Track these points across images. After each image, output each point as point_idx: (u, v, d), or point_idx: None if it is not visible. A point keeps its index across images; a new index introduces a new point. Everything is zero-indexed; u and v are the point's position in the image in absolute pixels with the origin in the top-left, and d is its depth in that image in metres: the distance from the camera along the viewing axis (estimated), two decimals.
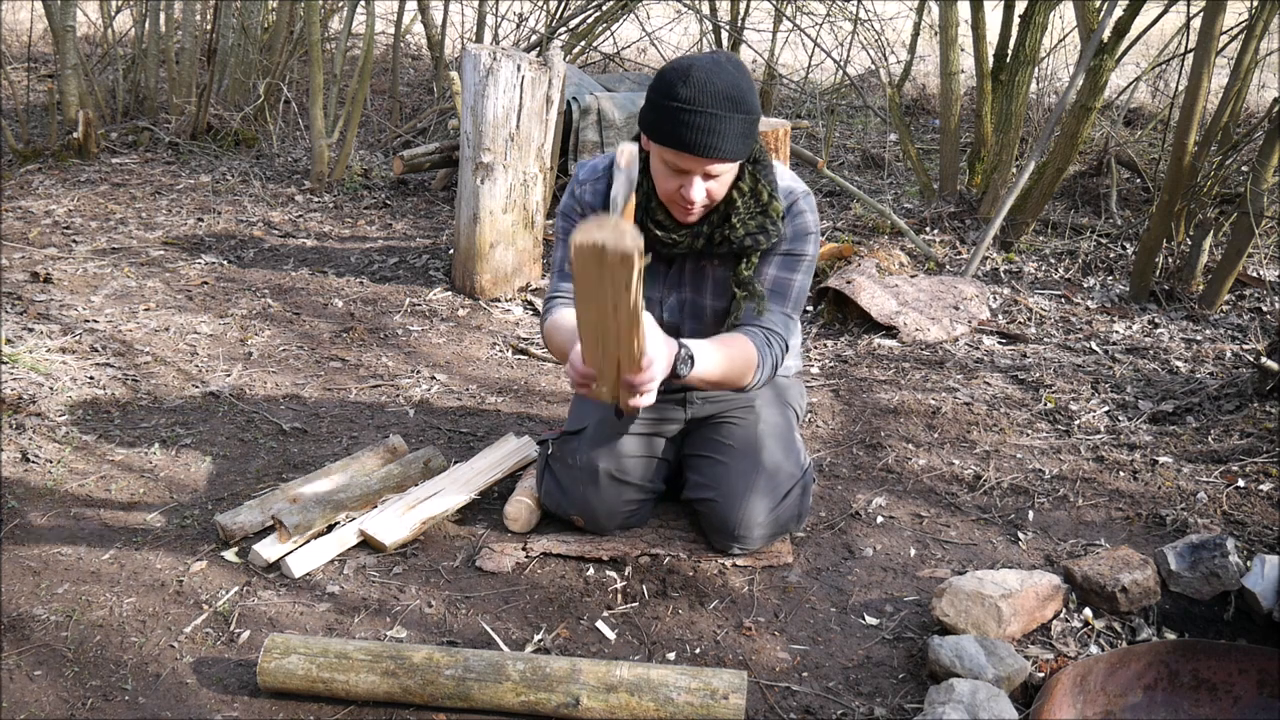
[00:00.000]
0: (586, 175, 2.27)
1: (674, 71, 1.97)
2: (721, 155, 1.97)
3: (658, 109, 1.97)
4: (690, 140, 1.95)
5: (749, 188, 2.12)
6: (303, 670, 1.86)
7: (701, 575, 2.27)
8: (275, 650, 1.88)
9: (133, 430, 2.81)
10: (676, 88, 1.94)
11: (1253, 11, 3.89)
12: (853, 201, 4.95)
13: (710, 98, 1.93)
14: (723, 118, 1.94)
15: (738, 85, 1.96)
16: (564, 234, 2.31)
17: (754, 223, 2.13)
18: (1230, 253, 3.86)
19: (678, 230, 2.15)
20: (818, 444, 2.89)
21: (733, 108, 1.95)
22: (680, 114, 1.94)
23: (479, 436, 2.87)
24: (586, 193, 2.25)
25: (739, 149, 2.00)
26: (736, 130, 1.96)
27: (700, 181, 2.02)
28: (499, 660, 1.87)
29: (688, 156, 1.97)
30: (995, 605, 2.00)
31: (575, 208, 2.27)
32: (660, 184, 2.07)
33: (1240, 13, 4.33)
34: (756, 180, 2.13)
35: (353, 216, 4.84)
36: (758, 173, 2.13)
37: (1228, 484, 2.67)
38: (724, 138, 1.95)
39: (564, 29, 6.38)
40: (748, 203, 2.13)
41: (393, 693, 1.85)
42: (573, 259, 1.59)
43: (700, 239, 2.16)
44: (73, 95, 5.39)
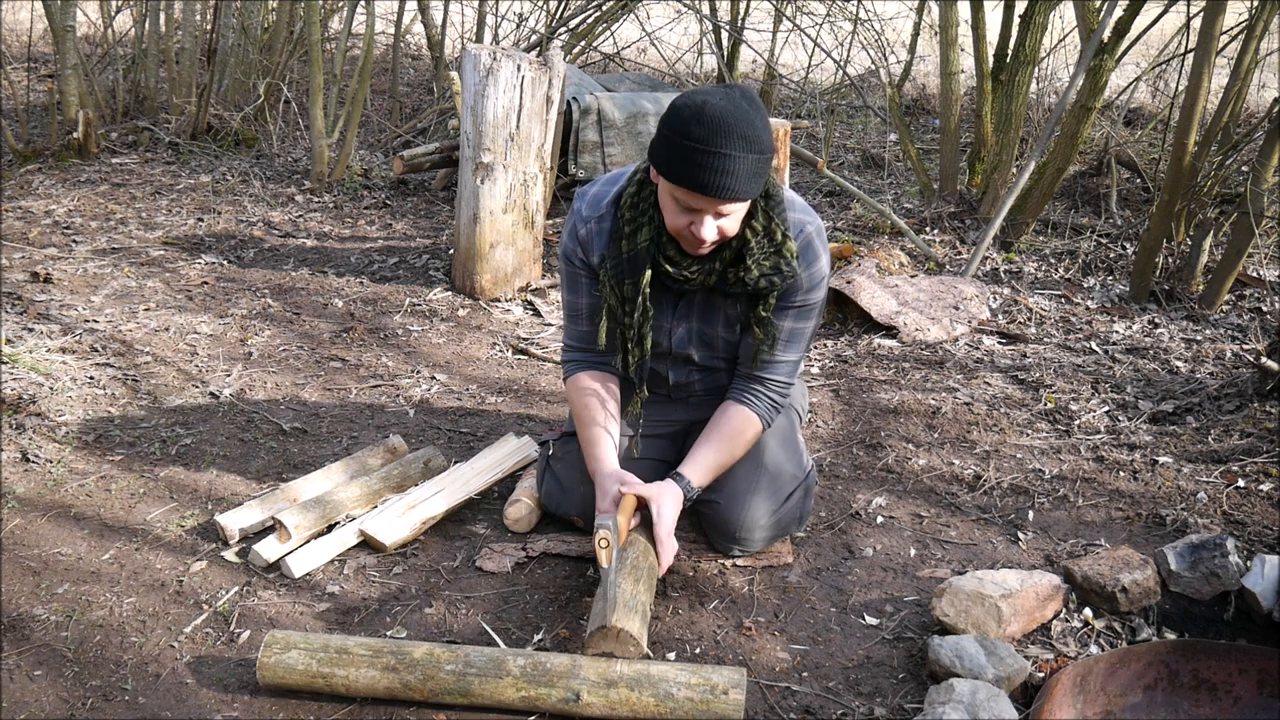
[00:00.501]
0: (589, 211, 2.19)
1: (688, 108, 1.92)
2: (734, 196, 1.93)
3: (670, 146, 1.93)
4: (704, 181, 1.90)
5: (762, 227, 2.07)
6: (303, 665, 1.85)
7: (701, 575, 2.27)
8: (275, 645, 1.88)
9: (133, 430, 2.81)
10: (690, 126, 1.89)
11: (1253, 11, 3.89)
12: (853, 201, 4.95)
13: (724, 138, 1.88)
14: (736, 158, 1.89)
15: (752, 124, 1.91)
16: (567, 279, 2.27)
17: (769, 263, 2.09)
18: (1230, 253, 3.86)
19: (689, 266, 2.11)
20: (818, 444, 2.89)
21: (747, 147, 1.90)
22: (694, 154, 1.89)
23: (479, 436, 2.87)
24: (592, 233, 2.18)
25: (752, 189, 1.95)
26: (750, 170, 1.92)
27: (711, 220, 1.98)
28: (499, 656, 1.87)
29: (700, 197, 1.93)
30: (995, 605, 2.00)
31: (576, 251, 2.21)
32: (669, 219, 2.03)
33: (1240, 13, 4.33)
34: (770, 219, 2.08)
35: (353, 216, 4.84)
36: (770, 210, 2.08)
37: (1228, 484, 2.67)
38: (737, 178, 1.91)
39: (564, 29, 6.38)
40: (761, 243, 2.08)
41: (393, 688, 1.85)
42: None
43: (713, 276, 2.12)
44: (73, 95, 5.39)
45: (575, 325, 2.30)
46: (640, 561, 2.03)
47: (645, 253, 2.10)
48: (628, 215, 2.11)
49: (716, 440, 2.21)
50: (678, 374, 2.34)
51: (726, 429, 2.22)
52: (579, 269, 2.23)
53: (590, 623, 1.91)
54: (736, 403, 2.24)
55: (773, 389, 2.24)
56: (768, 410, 2.25)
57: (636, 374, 2.24)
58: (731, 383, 2.29)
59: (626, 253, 2.11)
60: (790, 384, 2.27)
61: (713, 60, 7.21)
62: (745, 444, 2.24)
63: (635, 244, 2.10)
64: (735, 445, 2.22)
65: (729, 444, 2.21)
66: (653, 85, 5.54)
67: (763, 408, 2.24)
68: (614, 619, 1.86)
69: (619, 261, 2.13)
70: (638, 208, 2.10)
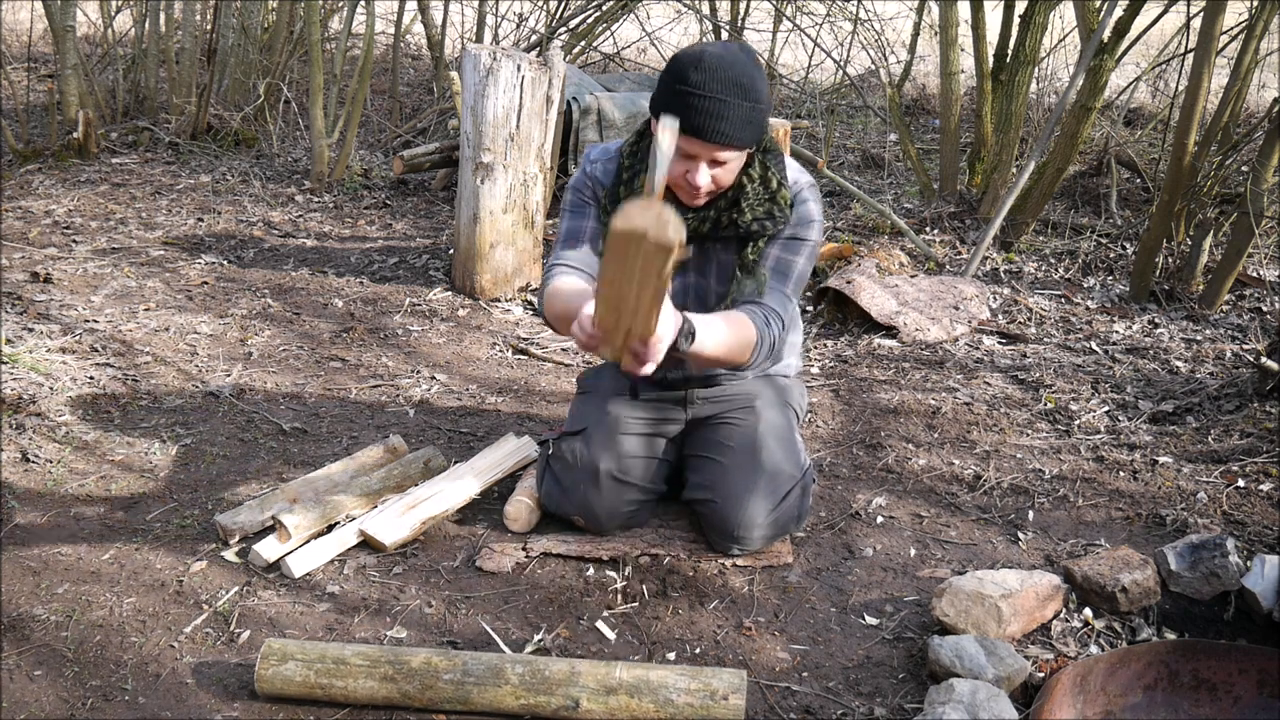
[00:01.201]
0: (599, 155, 2.30)
1: (687, 56, 2.00)
2: (728, 141, 1.99)
3: (669, 92, 2.00)
4: (698, 124, 1.97)
5: (759, 174, 2.15)
6: (300, 677, 1.85)
7: (701, 575, 2.27)
8: (272, 657, 1.87)
9: (133, 430, 2.81)
10: (688, 72, 1.97)
11: (1253, 11, 3.89)
12: (853, 201, 4.95)
13: (720, 83, 1.96)
14: (731, 104, 1.96)
15: (749, 73, 1.98)
16: (572, 206, 2.30)
17: (762, 209, 2.16)
18: (1230, 253, 3.86)
19: (685, 214, 2.15)
20: (818, 444, 2.89)
21: (741, 94, 1.97)
22: (690, 98, 1.96)
23: (479, 436, 2.87)
24: (598, 170, 2.27)
25: (746, 136, 2.01)
26: (744, 116, 1.99)
27: (706, 167, 2.04)
28: (498, 664, 1.87)
29: (695, 141, 1.99)
30: (995, 605, 2.00)
31: (586, 182, 2.28)
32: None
33: (1240, 13, 4.33)
34: (767, 168, 2.15)
35: (353, 216, 4.84)
36: (768, 161, 2.16)
37: (1228, 484, 2.67)
38: (731, 123, 1.98)
39: (564, 29, 6.38)
40: (757, 189, 2.15)
41: (391, 698, 1.85)
42: (609, 240, 1.59)
43: (707, 223, 2.18)
44: (73, 95, 5.39)
45: (572, 249, 2.23)
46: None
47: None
48: (627, 162, 2.20)
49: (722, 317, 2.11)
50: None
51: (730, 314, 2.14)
52: (587, 197, 2.28)
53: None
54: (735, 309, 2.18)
55: (767, 306, 2.18)
56: (763, 320, 2.14)
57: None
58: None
59: (624, 198, 2.16)
60: (781, 316, 2.20)
61: None
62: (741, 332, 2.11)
63: (633, 190, 2.17)
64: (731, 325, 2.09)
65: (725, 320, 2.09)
66: (653, 85, 5.54)
67: (759, 314, 2.16)
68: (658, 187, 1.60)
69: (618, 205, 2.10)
70: (636, 155, 2.19)
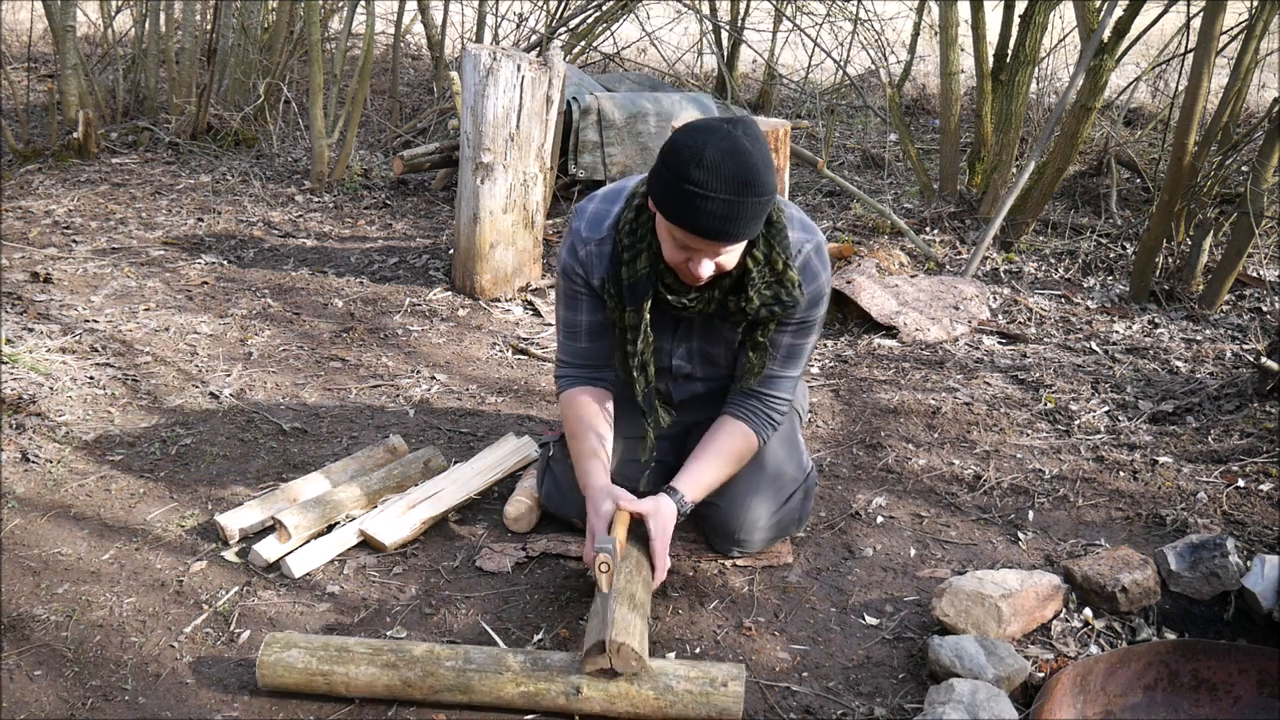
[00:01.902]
0: (589, 232, 2.13)
1: (688, 150, 1.84)
2: (733, 239, 1.89)
3: (668, 186, 1.86)
4: (702, 225, 1.85)
5: (764, 255, 2.03)
6: (302, 663, 1.85)
7: (701, 575, 2.27)
8: (275, 645, 1.88)
9: (133, 430, 2.81)
10: (690, 169, 1.82)
11: (1253, 11, 3.89)
12: (853, 201, 4.95)
13: (724, 183, 1.81)
14: (735, 203, 1.83)
15: (754, 166, 1.83)
16: (565, 295, 2.21)
17: (769, 293, 2.05)
18: (1230, 253, 3.86)
19: (687, 294, 2.07)
20: (818, 444, 2.89)
21: (747, 191, 1.83)
22: (692, 198, 1.83)
23: (479, 436, 2.87)
24: (592, 255, 2.12)
25: (751, 231, 1.90)
26: (750, 214, 1.86)
27: (708, 260, 1.94)
28: (499, 652, 1.88)
29: (699, 240, 1.88)
30: (995, 605, 2.00)
31: (577, 271, 2.15)
32: (666, 252, 1.98)
33: (1240, 13, 4.32)
34: (771, 247, 2.03)
35: (353, 216, 4.84)
36: (772, 238, 2.03)
37: (1228, 484, 2.67)
38: (736, 223, 1.85)
39: (564, 29, 6.38)
40: (763, 271, 2.04)
41: (393, 685, 1.85)
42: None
43: (712, 304, 2.09)
44: (73, 95, 5.39)
45: (573, 342, 2.24)
46: (635, 574, 2.00)
47: (646, 279, 2.06)
48: (626, 242, 2.06)
49: (713, 458, 2.19)
50: (680, 391, 2.34)
51: (724, 447, 2.20)
52: (579, 288, 2.18)
53: (587, 639, 1.86)
54: (734, 419, 2.22)
55: (771, 405, 2.23)
56: (766, 428, 2.23)
57: (645, 402, 2.20)
58: (730, 394, 2.26)
59: (627, 280, 2.06)
60: (789, 400, 2.25)
61: (713, 60, 7.21)
62: (741, 461, 2.22)
63: (635, 271, 2.06)
64: (731, 463, 2.21)
65: (725, 462, 2.20)
66: (653, 85, 5.54)
67: (760, 424, 2.22)
68: (613, 634, 1.81)
69: (620, 288, 2.09)
70: (635, 234, 2.05)
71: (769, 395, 2.22)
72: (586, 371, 2.25)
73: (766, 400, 2.22)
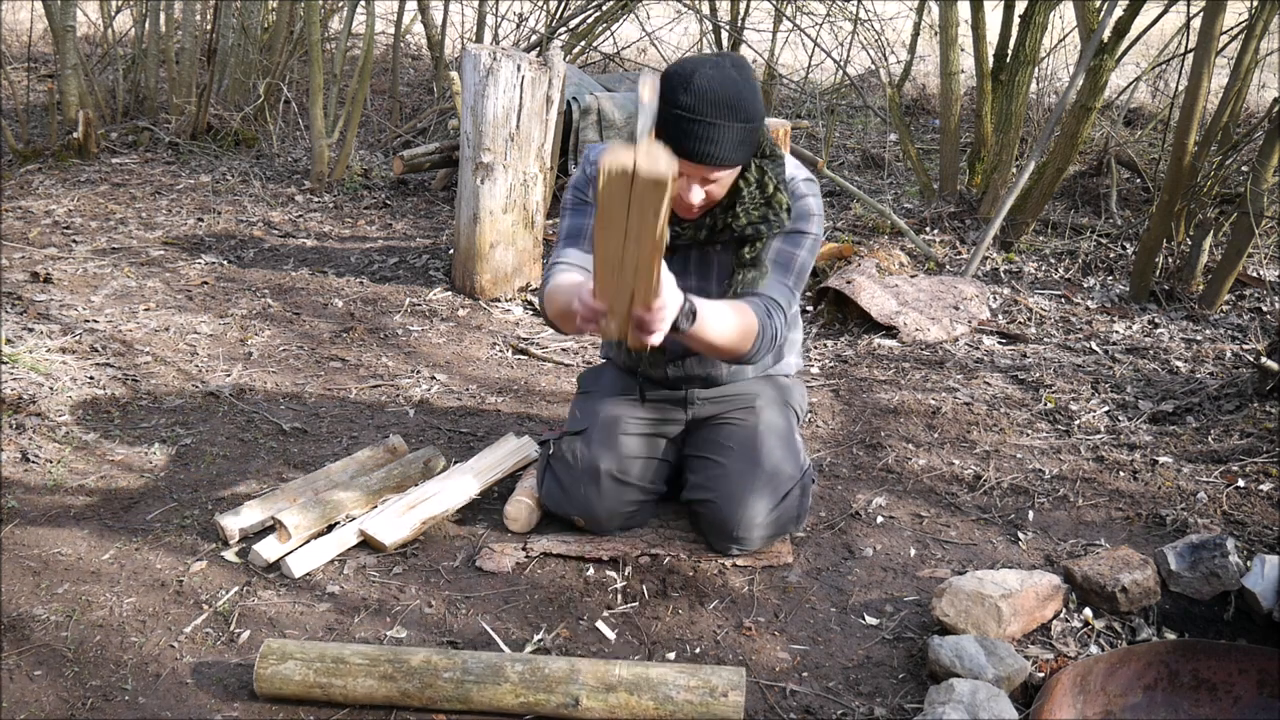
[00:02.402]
0: (598, 156, 2.20)
1: (676, 76, 1.97)
2: (719, 163, 1.99)
3: (660, 112, 1.97)
4: (688, 148, 1.96)
5: (755, 178, 2.13)
6: (299, 676, 1.85)
7: (701, 575, 2.27)
8: (271, 657, 1.87)
9: (133, 430, 2.81)
10: (678, 94, 1.95)
11: (1253, 11, 3.89)
12: (853, 201, 4.95)
13: (710, 105, 1.94)
14: (721, 126, 1.95)
15: (739, 92, 1.96)
16: (572, 205, 2.28)
17: (757, 213, 2.14)
18: (1230, 253, 3.86)
19: (680, 223, 2.16)
20: (818, 444, 2.89)
21: (732, 115, 1.95)
22: (680, 121, 1.95)
23: (479, 436, 2.87)
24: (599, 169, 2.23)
25: (737, 156, 2.01)
26: (735, 138, 1.98)
27: (698, 186, 2.04)
28: (497, 662, 1.87)
29: (686, 162, 1.98)
30: (995, 605, 2.00)
31: (587, 181, 2.27)
32: None
33: (1240, 13, 4.32)
34: (764, 172, 2.13)
35: (353, 216, 4.84)
36: (765, 166, 2.13)
37: (1228, 484, 2.67)
38: (721, 145, 1.97)
39: (564, 29, 6.38)
40: (753, 193, 2.13)
41: (391, 696, 1.85)
42: (600, 184, 1.58)
43: (703, 230, 2.17)
44: (73, 95, 5.39)
45: (574, 247, 2.22)
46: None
47: None
48: None
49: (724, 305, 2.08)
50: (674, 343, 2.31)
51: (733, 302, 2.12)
52: (588, 197, 2.25)
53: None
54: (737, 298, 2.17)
55: (767, 301, 2.16)
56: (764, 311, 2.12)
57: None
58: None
59: None
60: (783, 308, 2.18)
61: None
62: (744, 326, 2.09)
63: None
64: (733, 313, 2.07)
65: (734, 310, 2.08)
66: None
67: (760, 304, 2.14)
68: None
69: None
70: None
71: (763, 294, 2.17)
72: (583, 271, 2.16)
73: (763, 296, 2.17)
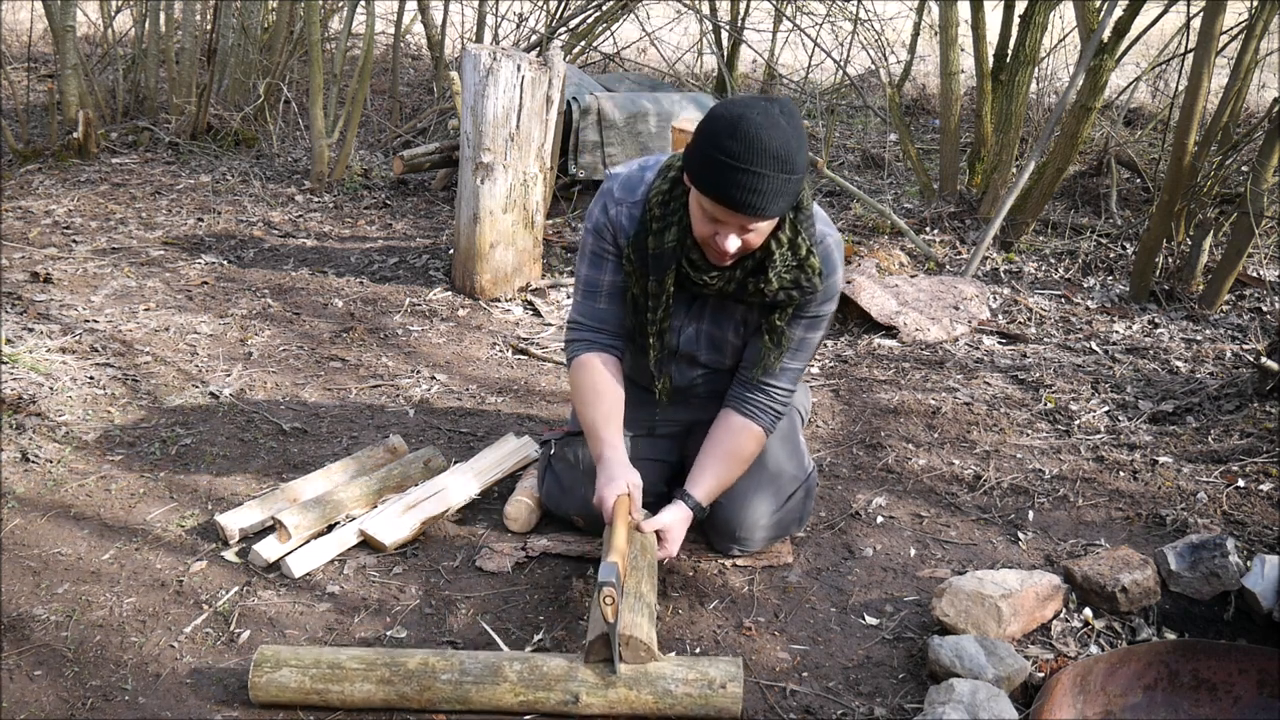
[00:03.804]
0: (623, 194, 2.15)
1: (724, 120, 1.88)
2: (762, 214, 1.91)
3: (703, 156, 1.90)
4: (733, 197, 1.88)
5: (788, 239, 2.05)
6: (295, 683, 1.84)
7: (701, 575, 2.27)
8: (265, 664, 1.85)
9: (133, 430, 2.81)
10: (724, 140, 1.86)
11: (1253, 11, 3.89)
12: (853, 201, 4.95)
13: (758, 156, 1.85)
14: (767, 177, 1.86)
15: (787, 143, 1.87)
16: (591, 253, 2.21)
17: (789, 276, 2.07)
18: (1230, 253, 3.86)
19: (709, 272, 2.09)
20: (818, 444, 2.89)
21: (779, 167, 1.86)
22: (725, 169, 1.86)
23: (479, 436, 2.87)
24: (623, 215, 2.14)
25: (779, 207, 1.92)
26: (778, 188, 1.88)
27: (734, 235, 1.96)
28: (495, 662, 1.87)
29: (728, 212, 1.91)
30: (995, 605, 2.00)
31: (608, 228, 2.16)
32: (696, 224, 2.02)
33: (1240, 13, 4.32)
34: (797, 231, 2.05)
35: (353, 216, 4.84)
36: (799, 223, 2.05)
37: (1228, 484, 2.67)
38: (765, 197, 1.88)
39: (564, 29, 6.38)
40: (785, 255, 2.06)
41: (389, 699, 1.85)
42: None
43: (732, 284, 2.11)
44: (73, 95, 5.39)
45: (591, 302, 2.24)
46: (640, 560, 2.03)
47: (671, 253, 2.08)
48: (657, 213, 2.08)
49: (722, 457, 2.21)
50: (680, 375, 2.33)
51: (731, 445, 2.21)
52: (607, 245, 2.18)
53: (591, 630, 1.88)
54: (739, 414, 2.23)
55: (775, 397, 2.23)
56: (771, 421, 2.24)
57: (656, 367, 2.26)
58: (732, 386, 2.27)
59: (653, 249, 2.09)
60: (791, 391, 2.26)
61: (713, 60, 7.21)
62: (749, 458, 2.24)
63: (662, 243, 2.07)
64: (740, 461, 2.22)
65: (733, 461, 2.21)
66: (653, 85, 5.54)
67: (766, 420, 2.23)
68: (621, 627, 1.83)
69: (644, 256, 2.11)
70: (667, 205, 2.07)
71: (772, 386, 2.23)
72: (601, 336, 2.23)
73: (770, 392, 2.23)
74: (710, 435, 2.23)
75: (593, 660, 1.86)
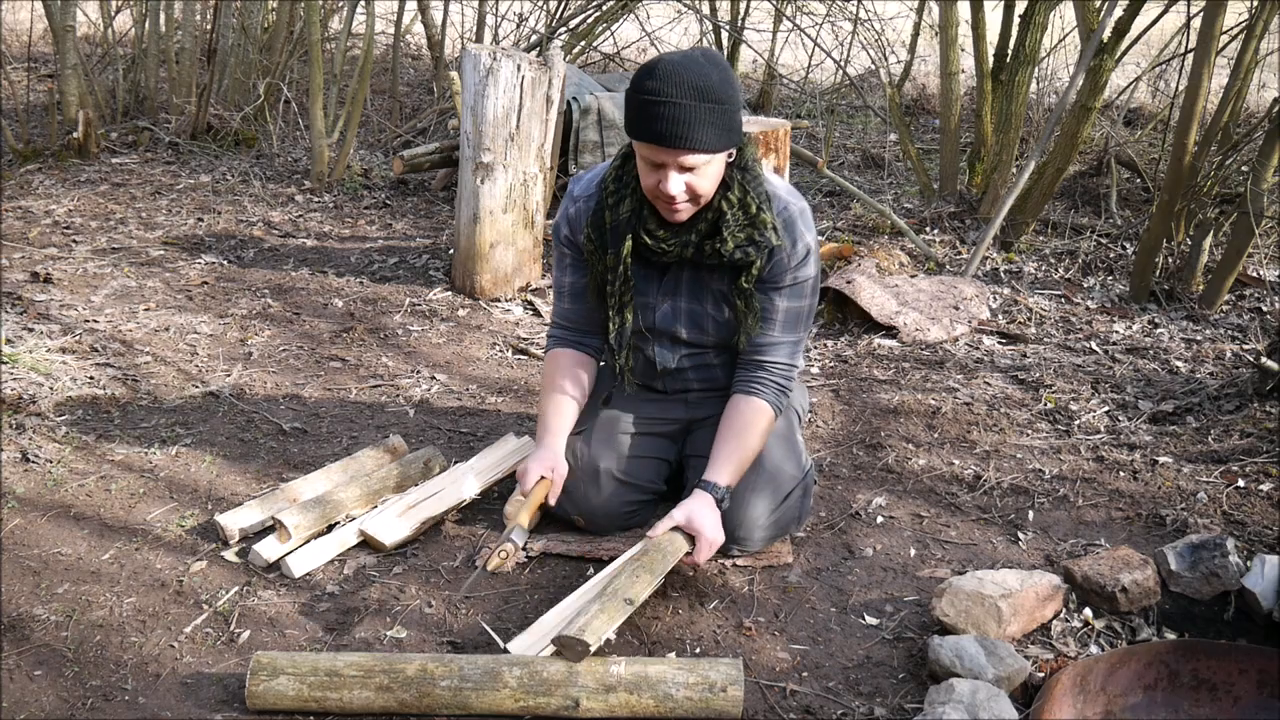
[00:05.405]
0: (581, 191, 2.29)
1: (644, 66, 2.00)
2: (691, 145, 1.97)
3: (629, 103, 2.01)
4: (658, 131, 1.96)
5: (737, 199, 2.11)
6: (293, 691, 1.83)
7: (701, 575, 2.27)
8: (262, 672, 1.84)
9: (133, 430, 2.81)
10: (644, 80, 1.97)
11: (1253, 11, 3.89)
12: (853, 201, 4.95)
13: (676, 88, 1.94)
14: (690, 107, 1.94)
15: (707, 76, 1.96)
16: (557, 257, 2.38)
17: (743, 235, 2.13)
18: (1230, 253, 3.86)
19: (668, 238, 2.15)
20: (818, 444, 2.89)
21: (700, 97, 1.95)
22: (647, 105, 1.96)
23: (479, 436, 2.87)
24: (581, 212, 2.26)
25: (711, 139, 1.99)
26: (705, 119, 1.96)
27: (676, 175, 2.02)
28: (494, 667, 1.86)
29: (659, 149, 1.98)
30: (995, 605, 2.00)
31: (564, 230, 2.30)
32: (643, 180, 2.09)
33: (1240, 13, 4.33)
34: (745, 191, 2.11)
35: (353, 216, 4.84)
36: (745, 182, 2.12)
37: (1228, 484, 2.67)
38: (692, 127, 1.95)
39: (564, 29, 6.38)
40: (736, 214, 2.12)
41: (389, 706, 1.84)
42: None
43: (689, 248, 2.16)
44: (73, 95, 5.39)
45: (559, 303, 2.41)
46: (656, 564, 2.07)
47: (627, 222, 2.16)
48: (611, 188, 2.18)
49: (733, 438, 2.22)
50: (664, 355, 2.34)
51: (739, 423, 2.23)
52: (565, 248, 2.32)
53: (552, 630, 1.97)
54: (741, 393, 2.26)
55: (776, 373, 2.25)
56: (775, 396, 2.26)
57: (616, 340, 2.30)
58: (735, 374, 2.30)
59: (609, 222, 2.18)
60: (793, 366, 2.28)
61: None
62: (761, 434, 2.24)
63: (617, 215, 2.16)
64: (751, 437, 2.23)
65: (746, 438, 2.22)
66: None
67: (770, 394, 2.24)
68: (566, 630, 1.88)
69: (603, 232, 2.19)
70: (620, 179, 2.17)
71: (773, 362, 2.25)
72: (572, 334, 2.39)
73: (770, 368, 2.25)
74: (720, 425, 2.26)
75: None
